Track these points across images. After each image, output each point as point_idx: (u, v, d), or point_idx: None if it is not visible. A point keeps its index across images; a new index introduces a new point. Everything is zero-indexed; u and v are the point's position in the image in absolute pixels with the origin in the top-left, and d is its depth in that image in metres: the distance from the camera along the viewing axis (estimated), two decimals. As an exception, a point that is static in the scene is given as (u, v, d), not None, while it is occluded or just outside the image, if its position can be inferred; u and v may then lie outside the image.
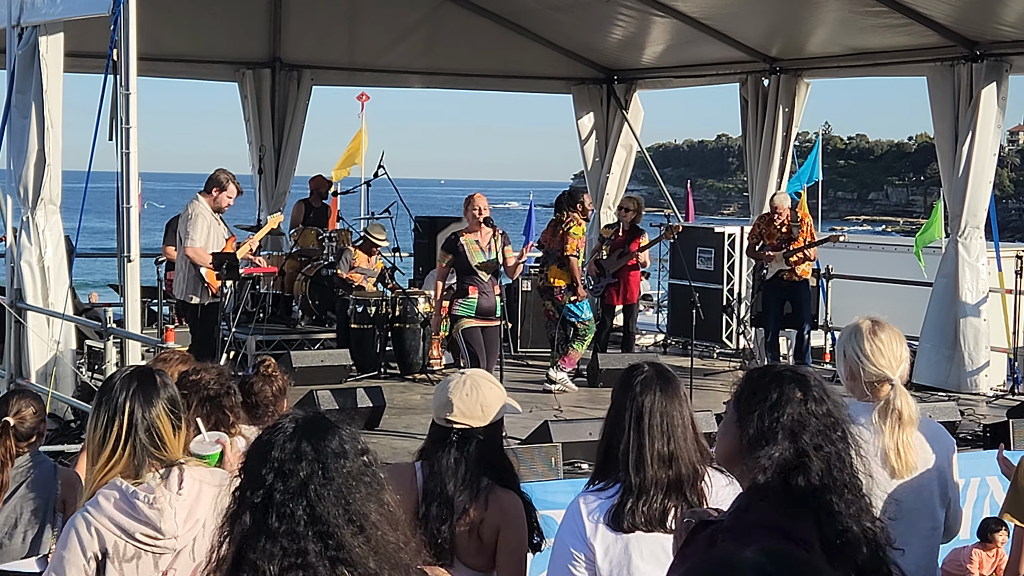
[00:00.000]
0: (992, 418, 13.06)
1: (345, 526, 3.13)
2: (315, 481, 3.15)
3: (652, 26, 17.98)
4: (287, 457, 3.18)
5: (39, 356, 11.83)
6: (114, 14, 10.26)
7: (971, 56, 14.94)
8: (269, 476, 3.17)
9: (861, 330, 5.21)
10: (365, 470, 3.23)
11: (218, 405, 6.09)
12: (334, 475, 3.17)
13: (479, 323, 11.99)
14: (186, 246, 12.95)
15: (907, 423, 5.09)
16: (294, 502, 3.13)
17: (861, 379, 5.19)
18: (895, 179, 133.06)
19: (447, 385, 4.99)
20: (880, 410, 5.09)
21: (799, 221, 15.31)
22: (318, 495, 3.14)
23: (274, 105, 18.46)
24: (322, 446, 3.21)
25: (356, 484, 3.19)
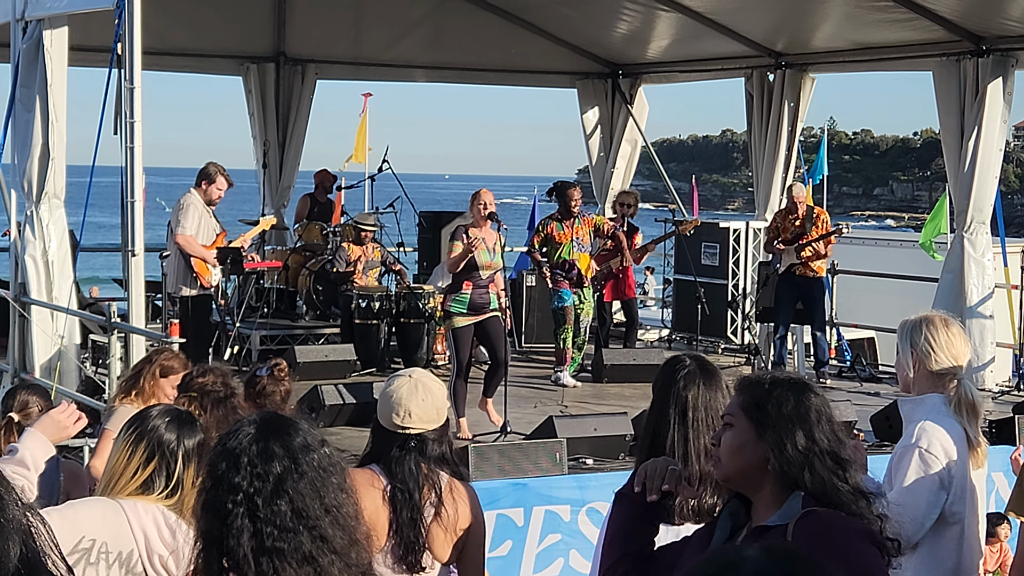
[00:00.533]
0: (998, 414, 13.03)
1: (324, 517, 3.15)
2: (291, 477, 3.15)
3: (657, 20, 17.96)
4: (257, 459, 3.17)
5: (43, 350, 11.82)
6: (118, 8, 10.24)
7: (977, 51, 14.91)
8: (244, 481, 3.15)
9: (935, 322, 5.26)
10: (331, 461, 3.25)
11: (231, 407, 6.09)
12: (306, 469, 3.18)
13: (471, 319, 11.94)
14: (176, 234, 12.99)
15: (979, 415, 5.17)
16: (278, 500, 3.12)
17: (928, 370, 5.19)
18: (900, 174, 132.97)
19: (398, 391, 4.96)
20: (955, 402, 5.14)
21: (814, 217, 15.24)
22: (296, 491, 3.14)
23: (278, 99, 18.45)
24: (288, 442, 3.21)
25: (326, 475, 3.20)
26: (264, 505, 3.12)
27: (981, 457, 5.12)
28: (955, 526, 5.09)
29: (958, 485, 5.06)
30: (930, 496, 5.03)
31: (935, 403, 5.16)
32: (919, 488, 5.05)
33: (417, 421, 4.92)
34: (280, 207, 18.67)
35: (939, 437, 5.06)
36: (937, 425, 5.11)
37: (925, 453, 5.03)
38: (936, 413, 5.16)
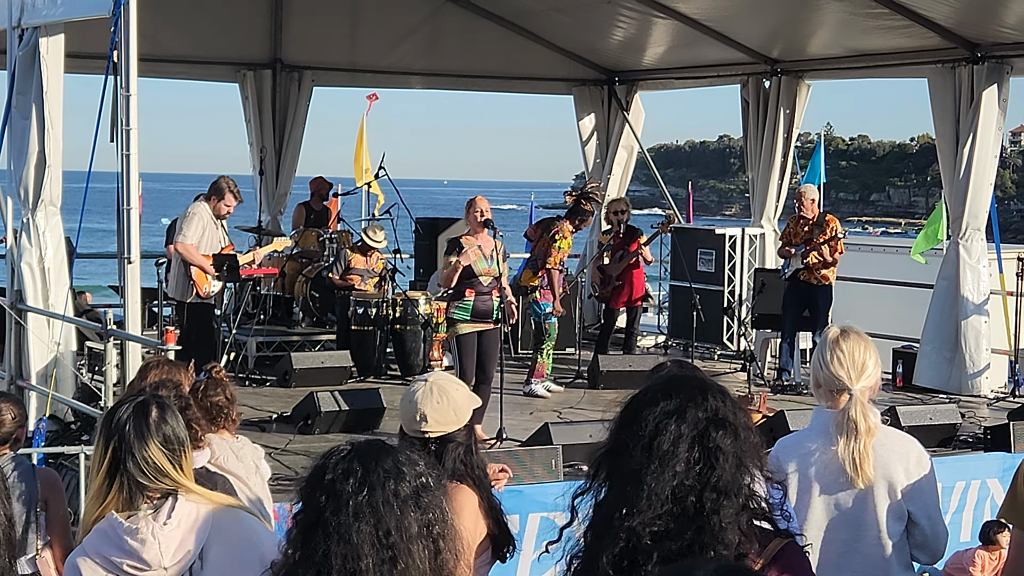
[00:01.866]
0: (993, 420, 13.06)
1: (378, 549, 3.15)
2: (358, 500, 3.16)
3: (653, 27, 17.99)
4: (338, 477, 3.20)
5: (39, 357, 11.81)
6: (114, 15, 10.24)
7: (972, 58, 14.94)
8: (322, 497, 3.19)
9: (827, 338, 5.22)
10: (420, 493, 3.23)
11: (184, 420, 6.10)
12: (379, 495, 3.18)
13: (475, 327, 11.94)
14: (177, 241, 13.07)
15: (863, 434, 5.06)
16: (336, 519, 3.14)
17: (823, 387, 5.21)
18: (897, 180, 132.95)
19: (414, 397, 4.99)
20: (837, 420, 5.09)
21: (824, 223, 15.26)
22: (358, 514, 3.14)
23: (275, 106, 18.46)
24: (373, 466, 3.22)
25: (403, 506, 3.19)
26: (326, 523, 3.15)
27: (858, 477, 5.08)
28: (815, 545, 5.07)
29: (799, 501, 5.06)
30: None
31: (814, 418, 5.21)
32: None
33: (433, 424, 4.95)
34: (277, 214, 18.67)
35: (780, 451, 5.15)
36: (790, 439, 5.21)
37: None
38: (808, 431, 5.20)
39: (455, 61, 19.48)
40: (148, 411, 4.27)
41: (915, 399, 14.25)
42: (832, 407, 5.16)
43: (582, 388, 14.97)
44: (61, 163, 11.99)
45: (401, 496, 3.19)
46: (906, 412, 12.06)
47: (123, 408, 4.27)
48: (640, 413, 3.48)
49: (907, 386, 15.15)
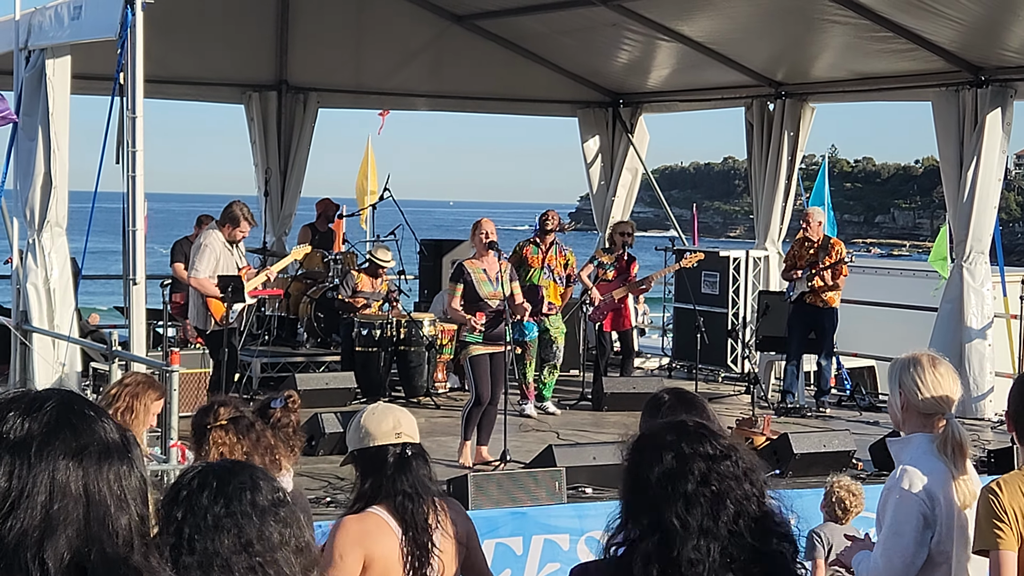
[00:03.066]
0: (997, 443, 13.05)
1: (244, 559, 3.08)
2: (215, 511, 3.13)
3: (657, 50, 18.03)
4: (194, 491, 3.17)
5: (44, 378, 11.84)
6: (121, 38, 10.29)
7: (976, 81, 14.98)
8: (178, 512, 3.16)
9: (922, 362, 5.24)
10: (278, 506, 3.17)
11: (259, 432, 6.10)
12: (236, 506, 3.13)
13: (487, 349, 11.95)
14: (191, 277, 13.09)
15: (966, 454, 5.16)
16: (199, 535, 3.10)
17: (917, 410, 5.21)
18: (902, 202, 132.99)
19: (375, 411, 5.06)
20: (939, 443, 5.14)
21: (829, 247, 15.27)
22: (218, 526, 3.10)
23: (280, 127, 18.49)
24: (227, 477, 3.19)
25: (262, 517, 3.13)
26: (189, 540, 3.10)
27: (969, 496, 5.14)
28: (943, 565, 5.11)
29: (944, 524, 5.08)
30: (916, 536, 5.05)
31: (920, 443, 5.19)
32: (905, 529, 5.07)
33: (407, 429, 4.98)
34: (282, 235, 18.71)
35: (921, 478, 5.09)
36: (919, 465, 5.14)
37: (907, 494, 5.06)
38: (920, 453, 5.18)
39: (460, 83, 19.53)
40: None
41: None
42: (925, 430, 5.19)
43: (586, 410, 14.97)
44: (67, 184, 12.04)
45: (259, 507, 3.15)
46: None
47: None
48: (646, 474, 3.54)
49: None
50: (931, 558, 5.09)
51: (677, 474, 3.49)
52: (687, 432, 3.60)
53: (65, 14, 11.44)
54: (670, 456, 3.52)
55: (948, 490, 5.11)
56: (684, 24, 16.72)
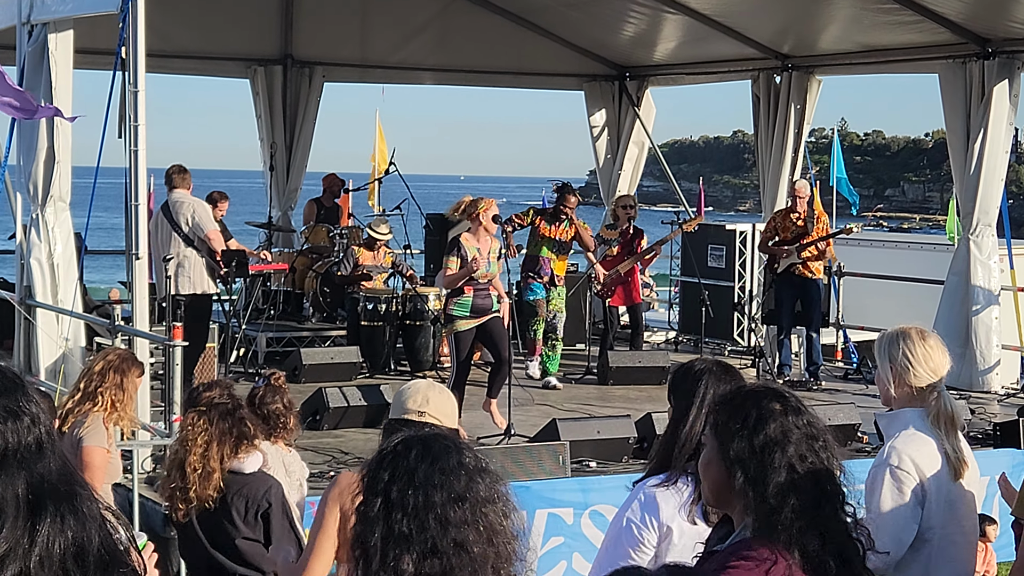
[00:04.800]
0: (1003, 416, 13.03)
1: (456, 514, 3.08)
2: (424, 468, 3.12)
3: (664, 23, 17.95)
4: (400, 451, 3.17)
5: (48, 353, 11.83)
6: (123, 12, 10.25)
7: (983, 53, 14.90)
8: (385, 474, 3.14)
9: (911, 336, 5.22)
10: (482, 469, 3.18)
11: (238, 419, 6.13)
12: (444, 462, 3.14)
13: (473, 322, 11.95)
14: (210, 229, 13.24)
15: (957, 427, 5.15)
16: (409, 491, 3.09)
17: (908, 384, 5.18)
18: (912, 175, 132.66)
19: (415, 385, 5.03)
20: (932, 416, 5.12)
21: (815, 217, 15.24)
22: (427, 480, 3.10)
23: (286, 102, 18.46)
24: (432, 440, 3.20)
25: (471, 475, 3.14)
26: (398, 500, 3.10)
27: (963, 469, 5.12)
28: (932, 540, 5.11)
29: (934, 499, 5.06)
30: (906, 512, 5.03)
31: (909, 418, 5.17)
32: (894, 506, 5.06)
33: (434, 409, 4.91)
34: (287, 209, 18.70)
35: (910, 453, 5.08)
36: (909, 441, 5.12)
37: (896, 470, 5.04)
38: (910, 428, 5.17)
39: (466, 57, 19.47)
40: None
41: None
42: (915, 404, 5.17)
43: (592, 384, 14.96)
44: (70, 159, 12.01)
45: (465, 465, 3.15)
46: (915, 408, 12.03)
47: None
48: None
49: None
50: (920, 534, 5.07)
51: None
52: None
53: (67, -12, 11.40)
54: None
55: (938, 464, 5.10)
56: (690, -4, 16.65)
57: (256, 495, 6.11)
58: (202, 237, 13.32)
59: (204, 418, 6.16)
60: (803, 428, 3.64)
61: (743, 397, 3.72)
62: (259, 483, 6.15)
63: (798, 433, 3.62)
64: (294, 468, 6.75)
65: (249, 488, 6.12)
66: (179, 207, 13.36)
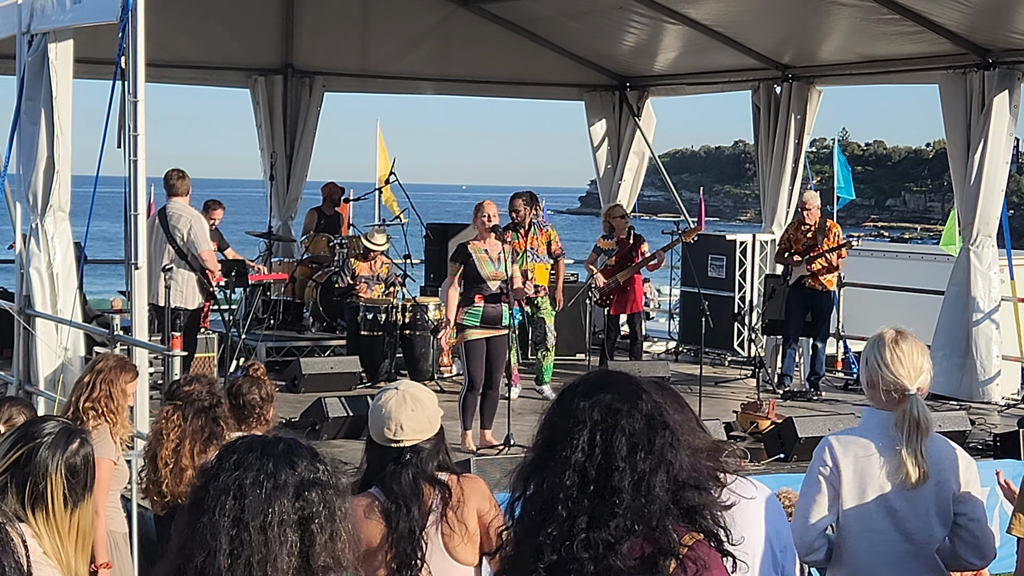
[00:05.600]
0: (1003, 427, 13.01)
1: (229, 529, 3.08)
2: (230, 477, 3.11)
3: (664, 33, 17.96)
4: (225, 463, 3.15)
5: (47, 363, 11.81)
6: (122, 21, 10.25)
7: (983, 64, 14.90)
8: (202, 480, 3.16)
9: (884, 339, 5.28)
10: (305, 486, 3.15)
11: (213, 417, 6.14)
12: (249, 475, 3.12)
13: (484, 333, 11.91)
14: (204, 249, 13.19)
15: (923, 432, 5.13)
16: (211, 496, 3.10)
17: (880, 387, 5.23)
18: (913, 185, 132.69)
19: (387, 405, 4.92)
20: (897, 419, 5.14)
21: (826, 229, 15.22)
22: (226, 490, 3.10)
23: (286, 111, 18.46)
24: (258, 451, 3.16)
25: (276, 492, 3.11)
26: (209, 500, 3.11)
27: (919, 476, 5.11)
28: (849, 540, 5.19)
29: (855, 501, 5.13)
30: (818, 499, 5.19)
31: (873, 421, 5.24)
32: (809, 492, 5.24)
33: (409, 432, 4.88)
34: (287, 219, 18.69)
35: (837, 449, 5.18)
36: (843, 438, 5.22)
37: (818, 459, 5.22)
38: (864, 427, 5.26)
39: (466, 67, 19.47)
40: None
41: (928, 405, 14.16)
42: (887, 408, 5.21)
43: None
44: (70, 169, 12.00)
45: (278, 481, 3.11)
46: (915, 419, 12.02)
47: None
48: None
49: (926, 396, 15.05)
50: (839, 530, 5.20)
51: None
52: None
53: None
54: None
55: (866, 467, 5.13)
56: (691, 7, 16.66)
57: None
58: (196, 254, 13.29)
59: (179, 413, 6.18)
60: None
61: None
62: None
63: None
64: None
65: None
66: (177, 220, 13.32)
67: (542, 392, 14.49)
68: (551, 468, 3.40)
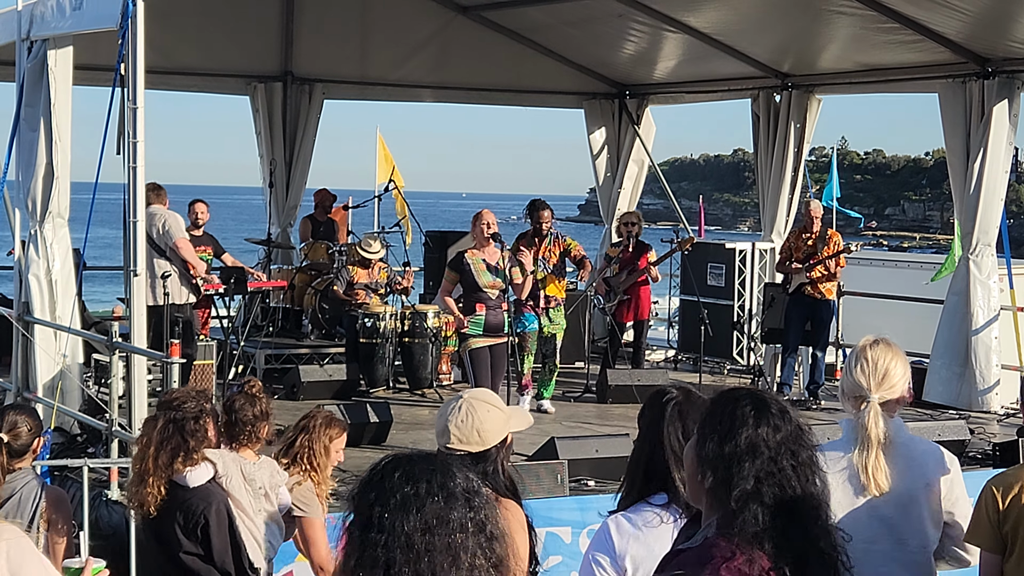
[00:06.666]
0: (1003, 436, 12.99)
1: (423, 540, 3.06)
2: (407, 490, 3.10)
3: (664, 41, 17.97)
4: (387, 472, 3.15)
5: (46, 369, 11.80)
6: (122, 28, 10.24)
7: (983, 73, 14.91)
8: (372, 495, 3.13)
9: (858, 346, 5.25)
10: (470, 493, 3.15)
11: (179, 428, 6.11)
12: (424, 487, 3.11)
13: (487, 341, 11.91)
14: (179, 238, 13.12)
15: (873, 443, 5.04)
16: (390, 510, 3.08)
17: (845, 393, 5.23)
18: (912, 194, 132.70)
19: (446, 410, 4.92)
20: (852, 426, 5.11)
21: (827, 237, 15.20)
22: (405, 503, 3.08)
23: (285, 119, 18.46)
24: (419, 462, 3.17)
25: (451, 499, 3.11)
26: (379, 521, 3.09)
27: (871, 486, 5.06)
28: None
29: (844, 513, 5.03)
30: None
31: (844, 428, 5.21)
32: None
33: (456, 442, 4.81)
34: (287, 226, 18.68)
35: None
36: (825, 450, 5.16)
37: None
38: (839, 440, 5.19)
39: (465, 75, 19.48)
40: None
41: (924, 415, 14.18)
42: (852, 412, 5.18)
43: (591, 402, 14.92)
44: (69, 175, 12.00)
45: (447, 489, 3.12)
46: (915, 428, 11.99)
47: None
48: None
49: (917, 402, 15.05)
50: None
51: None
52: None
53: (67, 4, 11.38)
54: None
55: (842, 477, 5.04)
56: (690, 15, 16.66)
57: (195, 510, 6.13)
58: (171, 245, 13.20)
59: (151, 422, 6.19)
60: (777, 442, 3.59)
61: (724, 400, 3.70)
62: (199, 498, 6.16)
63: (769, 446, 3.58)
64: (258, 476, 6.67)
65: (190, 503, 6.14)
66: (150, 218, 13.28)
67: (541, 407, 14.15)
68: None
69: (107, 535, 9.59)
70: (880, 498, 5.08)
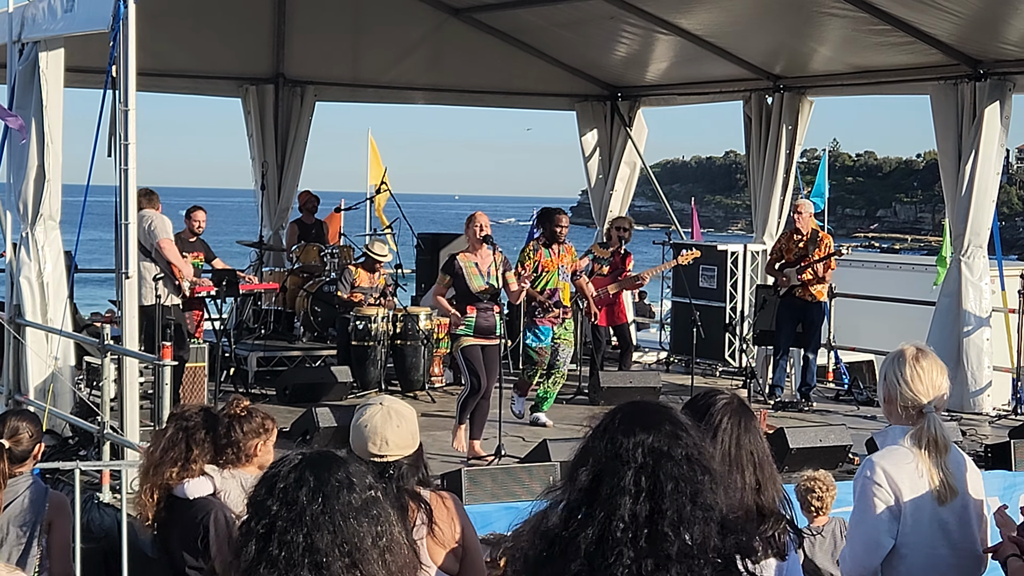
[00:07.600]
0: (994, 438, 13.01)
1: (339, 558, 3.14)
2: (313, 509, 3.17)
3: (656, 43, 17.97)
4: (290, 485, 3.22)
5: (37, 372, 11.79)
6: (113, 30, 10.24)
7: (974, 75, 14.92)
8: (274, 505, 3.20)
9: (904, 356, 5.32)
10: (371, 505, 3.24)
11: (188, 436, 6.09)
12: (334, 505, 3.18)
13: (478, 341, 11.91)
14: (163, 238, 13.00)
15: (941, 450, 5.17)
16: (294, 529, 3.14)
17: (897, 403, 5.26)
18: (903, 196, 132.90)
19: (371, 421, 4.90)
20: (915, 436, 5.18)
21: (818, 240, 15.18)
22: (315, 523, 3.13)
23: (277, 121, 18.43)
24: (325, 476, 3.24)
25: (357, 517, 3.19)
26: (282, 532, 3.17)
27: (946, 493, 5.14)
28: (910, 556, 5.15)
29: (911, 516, 5.11)
30: (879, 525, 5.11)
31: (896, 434, 5.25)
32: (866, 517, 5.15)
33: (394, 448, 4.89)
34: (278, 228, 18.65)
35: (885, 467, 5.14)
36: (887, 455, 5.20)
37: (872, 484, 5.13)
38: (893, 445, 5.24)
39: (457, 77, 19.47)
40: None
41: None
42: (904, 424, 5.25)
43: (583, 404, 14.92)
44: (60, 177, 11.99)
45: (355, 507, 3.19)
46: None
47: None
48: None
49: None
50: (896, 549, 5.14)
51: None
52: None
53: (58, 6, 11.38)
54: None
55: (916, 482, 5.14)
56: (682, 17, 16.67)
57: (193, 522, 6.10)
58: (155, 245, 13.10)
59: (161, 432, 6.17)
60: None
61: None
62: (197, 510, 6.13)
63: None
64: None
65: (189, 516, 6.10)
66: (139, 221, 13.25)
67: (537, 420, 13.73)
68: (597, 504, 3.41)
69: (99, 538, 9.58)
70: (943, 505, 5.16)
